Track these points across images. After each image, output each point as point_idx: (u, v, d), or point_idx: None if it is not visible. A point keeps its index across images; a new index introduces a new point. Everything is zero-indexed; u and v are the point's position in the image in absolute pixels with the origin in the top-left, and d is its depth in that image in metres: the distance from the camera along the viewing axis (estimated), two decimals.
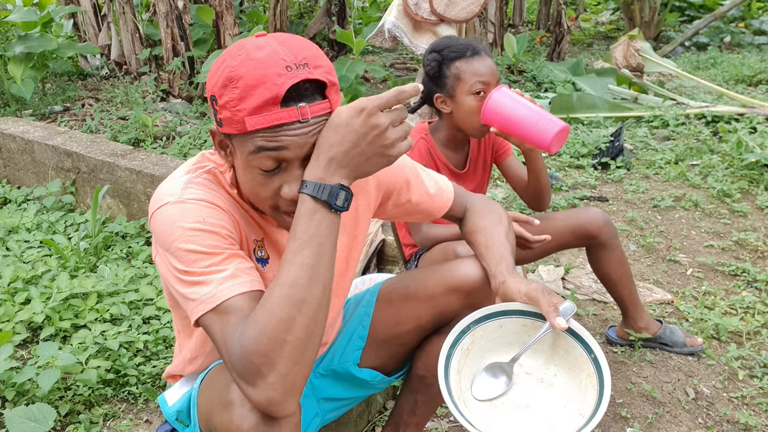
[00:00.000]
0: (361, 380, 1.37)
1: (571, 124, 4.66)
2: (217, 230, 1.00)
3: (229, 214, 1.05)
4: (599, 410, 1.04)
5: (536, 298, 1.12)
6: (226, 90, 0.94)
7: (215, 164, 1.11)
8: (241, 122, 0.93)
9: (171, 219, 1.00)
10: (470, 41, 1.81)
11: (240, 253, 1.01)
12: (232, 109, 0.93)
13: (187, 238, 0.98)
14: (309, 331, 0.90)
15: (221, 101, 0.95)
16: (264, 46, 0.95)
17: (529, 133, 1.69)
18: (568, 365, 1.15)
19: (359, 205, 1.26)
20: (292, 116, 0.93)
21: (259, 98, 0.92)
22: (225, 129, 0.97)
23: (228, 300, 0.94)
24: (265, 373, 0.88)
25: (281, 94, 0.91)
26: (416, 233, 1.84)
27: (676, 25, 9.54)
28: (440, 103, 1.84)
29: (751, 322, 2.21)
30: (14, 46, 4.74)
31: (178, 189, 1.03)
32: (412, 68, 6.93)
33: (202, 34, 5.86)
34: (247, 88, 0.92)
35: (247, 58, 0.93)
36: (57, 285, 2.16)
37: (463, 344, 1.15)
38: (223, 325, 0.93)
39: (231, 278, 0.96)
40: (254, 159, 0.96)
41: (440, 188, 1.36)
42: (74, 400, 1.80)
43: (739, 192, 3.26)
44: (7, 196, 3.30)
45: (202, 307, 0.95)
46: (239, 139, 0.96)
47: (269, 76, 0.92)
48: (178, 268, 0.98)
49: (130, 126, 4.39)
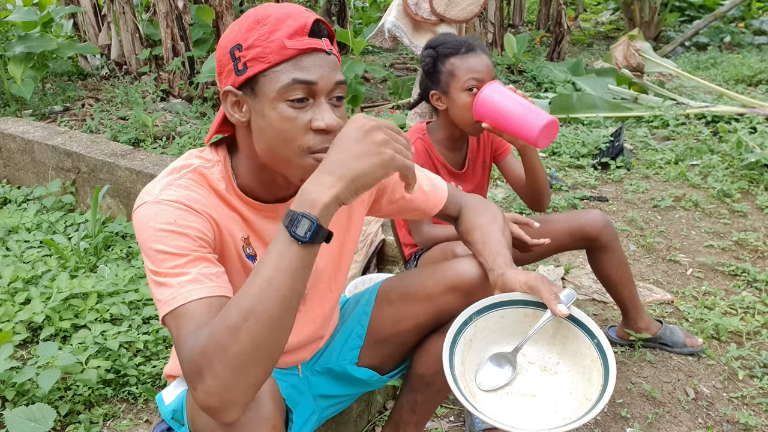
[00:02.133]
0: (357, 379, 1.37)
1: (571, 124, 4.66)
2: (186, 232, 1.00)
3: (206, 215, 1.05)
4: (606, 393, 1.04)
5: (536, 286, 1.13)
6: (254, 31, 0.99)
7: (203, 159, 1.11)
8: (276, 50, 0.98)
9: (145, 218, 1.01)
10: (466, 38, 1.81)
11: (208, 257, 1.00)
12: (264, 42, 0.98)
13: (156, 238, 0.98)
14: (255, 344, 0.87)
15: (248, 42, 0.99)
16: (282, 3, 1.04)
17: (517, 127, 1.69)
18: (571, 352, 1.15)
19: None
20: (320, 44, 1.00)
21: (290, 27, 0.98)
22: (252, 69, 0.99)
23: (186, 304, 0.94)
24: (206, 376, 0.87)
25: (309, 24, 0.99)
26: (417, 233, 1.84)
27: (676, 25, 9.54)
28: (435, 100, 1.84)
29: (751, 322, 2.22)
30: (14, 46, 4.74)
31: (157, 189, 1.04)
32: (412, 68, 6.93)
33: (202, 34, 5.85)
34: (276, 22, 0.99)
35: (267, 5, 1.03)
36: (57, 285, 2.16)
37: (466, 335, 1.15)
38: (178, 328, 0.93)
39: (192, 282, 0.96)
40: (286, 91, 0.98)
41: (434, 186, 1.36)
42: (74, 400, 1.80)
43: (739, 192, 3.26)
44: (7, 196, 3.30)
45: (164, 309, 0.96)
46: (269, 76, 0.99)
47: (294, 12, 1.01)
48: (149, 267, 0.99)
49: (130, 126, 4.39)
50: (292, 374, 1.34)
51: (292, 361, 1.33)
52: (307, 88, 0.99)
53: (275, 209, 1.15)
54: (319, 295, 1.28)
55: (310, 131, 1.00)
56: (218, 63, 1.05)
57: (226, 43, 1.02)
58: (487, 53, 1.81)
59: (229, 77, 1.02)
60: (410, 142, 0.98)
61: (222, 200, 1.10)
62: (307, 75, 0.98)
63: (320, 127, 0.99)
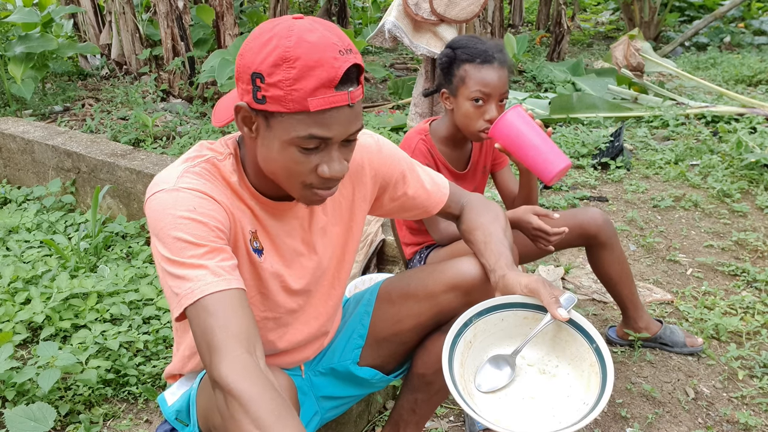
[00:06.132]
0: (360, 379, 1.37)
1: (570, 124, 4.66)
2: (206, 221, 1.00)
3: (223, 205, 1.05)
4: (602, 399, 1.04)
5: (537, 289, 1.13)
6: (279, 69, 0.94)
7: (215, 152, 1.11)
8: (298, 100, 0.94)
9: (163, 206, 1.00)
10: (489, 47, 1.78)
11: (225, 248, 1.01)
12: (287, 88, 0.94)
13: (176, 226, 0.98)
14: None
15: (271, 79, 0.95)
16: (313, 29, 0.96)
17: (534, 162, 1.70)
18: (570, 356, 1.15)
19: (355, 197, 1.27)
20: (344, 100, 0.96)
21: (317, 80, 0.93)
22: (270, 107, 0.96)
23: (205, 297, 0.95)
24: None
25: (338, 77, 0.94)
26: (435, 231, 1.85)
27: (676, 25, 9.55)
28: (444, 99, 1.85)
29: (751, 322, 2.22)
30: (14, 46, 4.75)
31: (174, 177, 1.04)
32: (412, 68, 6.93)
33: (203, 34, 5.86)
34: (305, 68, 0.93)
35: (301, 39, 0.94)
36: (57, 285, 2.16)
37: (466, 337, 1.15)
38: (204, 322, 0.94)
39: (210, 275, 0.96)
40: (300, 141, 0.97)
41: (436, 183, 1.36)
42: (74, 400, 1.80)
43: (738, 192, 3.26)
44: (7, 196, 3.30)
45: (183, 302, 0.96)
46: (286, 119, 0.97)
47: (326, 59, 0.94)
48: (164, 255, 0.99)
49: (130, 126, 4.39)
50: (296, 375, 1.34)
51: (295, 361, 1.33)
52: (321, 140, 0.98)
53: (281, 207, 1.16)
54: (323, 292, 1.28)
55: (315, 173, 1.02)
56: (236, 71, 1.01)
57: (249, 61, 0.97)
58: (506, 65, 1.78)
59: (246, 94, 0.99)
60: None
61: (234, 192, 1.11)
62: (324, 132, 0.97)
63: (325, 175, 1.01)
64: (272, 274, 1.17)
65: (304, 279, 1.22)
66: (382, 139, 1.30)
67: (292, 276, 1.20)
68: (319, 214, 1.22)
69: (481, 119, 1.77)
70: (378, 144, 1.28)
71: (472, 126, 1.79)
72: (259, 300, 1.19)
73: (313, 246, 1.22)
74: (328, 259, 1.25)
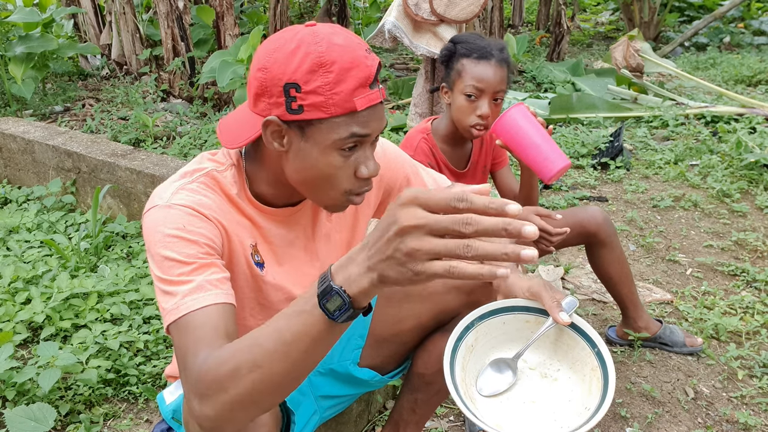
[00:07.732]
0: (359, 380, 1.37)
1: (570, 124, 4.66)
2: (195, 239, 0.99)
3: (216, 222, 1.05)
4: (604, 403, 1.04)
5: (539, 293, 1.13)
6: (316, 75, 0.94)
7: (216, 163, 1.11)
8: (340, 103, 0.95)
9: (155, 223, 1.00)
10: (489, 45, 1.79)
11: (215, 262, 1.00)
12: (328, 93, 0.95)
13: (164, 244, 0.98)
14: (254, 395, 0.83)
15: (309, 87, 0.95)
16: (336, 32, 0.98)
17: (534, 160, 1.71)
18: (571, 360, 1.15)
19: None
20: (378, 97, 1.00)
21: (356, 80, 0.95)
22: (309, 114, 0.96)
23: (189, 314, 0.93)
24: (203, 402, 0.85)
25: (372, 75, 0.97)
26: None
27: (676, 25, 9.55)
28: (444, 93, 1.87)
29: (750, 322, 2.22)
30: (15, 46, 4.75)
31: (169, 193, 1.04)
32: (413, 68, 6.93)
33: (203, 34, 5.87)
34: (342, 71, 0.95)
35: (331, 43, 0.96)
36: (57, 285, 2.16)
37: (468, 341, 1.15)
38: (181, 340, 0.92)
39: (196, 291, 0.95)
40: (342, 143, 0.98)
41: (439, 185, 1.37)
42: (74, 400, 1.80)
43: (738, 192, 3.27)
44: (7, 196, 3.31)
45: (168, 318, 0.95)
46: (325, 124, 0.97)
47: (358, 58, 0.97)
48: (155, 274, 0.99)
49: (130, 126, 4.39)
50: None
51: None
52: (360, 139, 1.00)
53: (285, 214, 1.16)
54: None
55: (354, 176, 1.03)
56: (260, 86, 0.99)
57: (279, 73, 0.96)
58: (504, 64, 1.78)
59: (275, 108, 0.98)
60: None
61: (233, 205, 1.10)
62: (364, 129, 0.99)
63: (364, 176, 1.03)
64: (274, 286, 1.17)
65: (306, 287, 1.22)
66: (386, 143, 1.31)
67: (296, 286, 1.20)
68: (323, 220, 1.22)
69: (473, 114, 1.77)
70: (382, 148, 1.29)
71: (465, 120, 1.79)
72: (258, 310, 1.19)
73: (316, 253, 1.22)
74: (333, 262, 1.25)
